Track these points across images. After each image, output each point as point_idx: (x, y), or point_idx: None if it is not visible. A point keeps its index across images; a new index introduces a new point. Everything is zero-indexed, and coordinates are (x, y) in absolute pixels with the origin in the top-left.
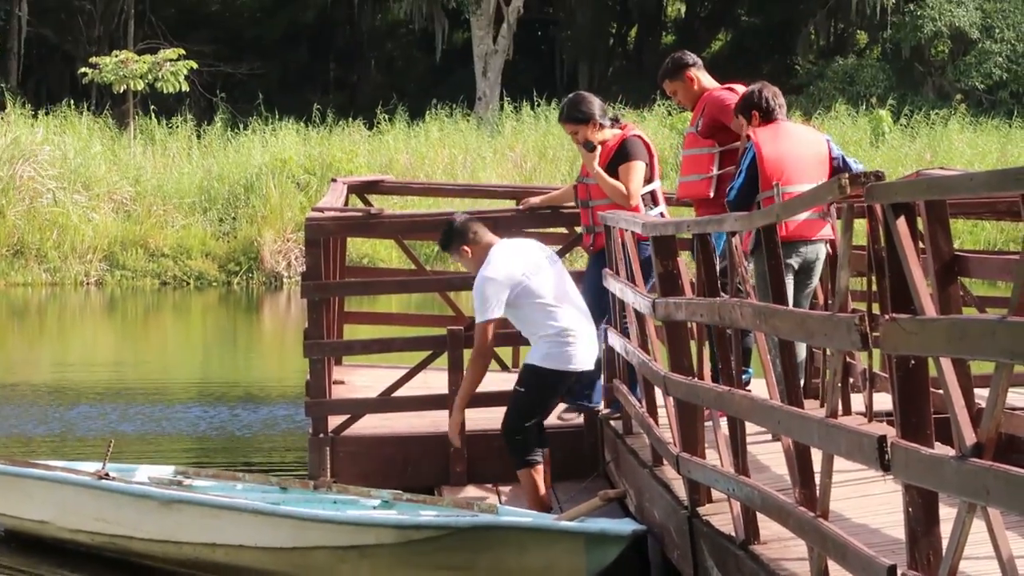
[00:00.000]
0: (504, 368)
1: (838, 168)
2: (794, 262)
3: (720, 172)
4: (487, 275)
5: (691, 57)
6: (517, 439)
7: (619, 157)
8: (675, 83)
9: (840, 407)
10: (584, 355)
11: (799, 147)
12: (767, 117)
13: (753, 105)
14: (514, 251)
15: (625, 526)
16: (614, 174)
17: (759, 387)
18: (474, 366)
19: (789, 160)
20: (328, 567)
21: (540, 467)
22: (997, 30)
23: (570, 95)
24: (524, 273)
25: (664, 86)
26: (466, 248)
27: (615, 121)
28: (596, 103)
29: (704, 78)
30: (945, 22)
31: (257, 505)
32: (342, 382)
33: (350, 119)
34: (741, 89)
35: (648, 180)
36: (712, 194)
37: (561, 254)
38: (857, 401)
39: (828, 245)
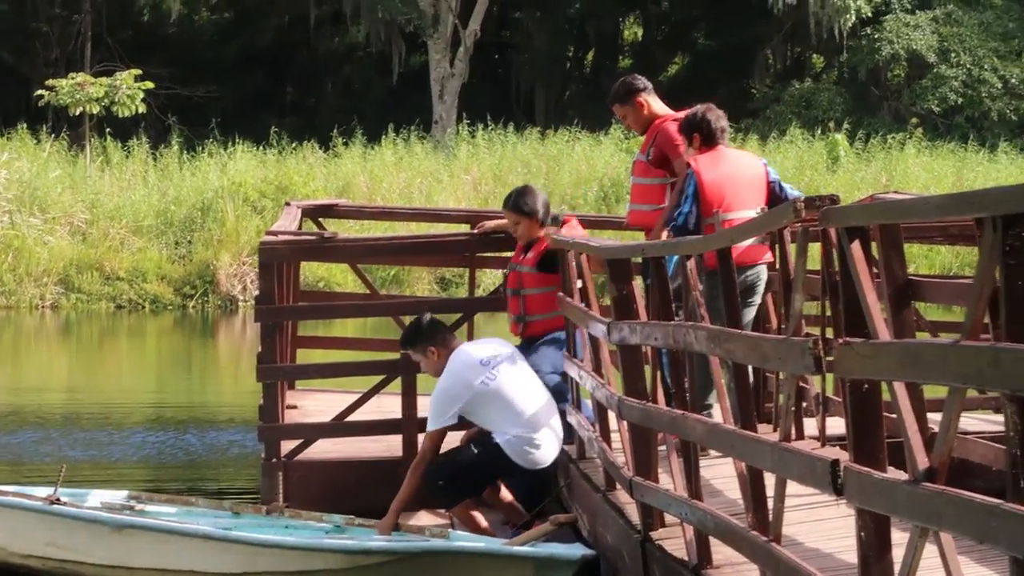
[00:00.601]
0: None
1: (774, 192)
2: (738, 286)
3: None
4: (443, 386)
5: (642, 82)
6: (440, 487)
7: (556, 259)
8: (625, 107)
9: (793, 431)
10: (544, 454)
11: (738, 173)
12: (709, 140)
13: (695, 127)
14: (473, 358)
15: (575, 551)
16: (551, 273)
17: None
18: (415, 473)
19: (729, 186)
20: None
21: (468, 501)
22: (953, 54)
23: (519, 187)
24: (483, 380)
25: (614, 109)
26: (432, 350)
27: (555, 220)
28: (541, 200)
29: (655, 103)
30: (902, 46)
31: (207, 530)
32: (295, 406)
33: (307, 142)
34: None
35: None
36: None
37: None
38: (810, 425)
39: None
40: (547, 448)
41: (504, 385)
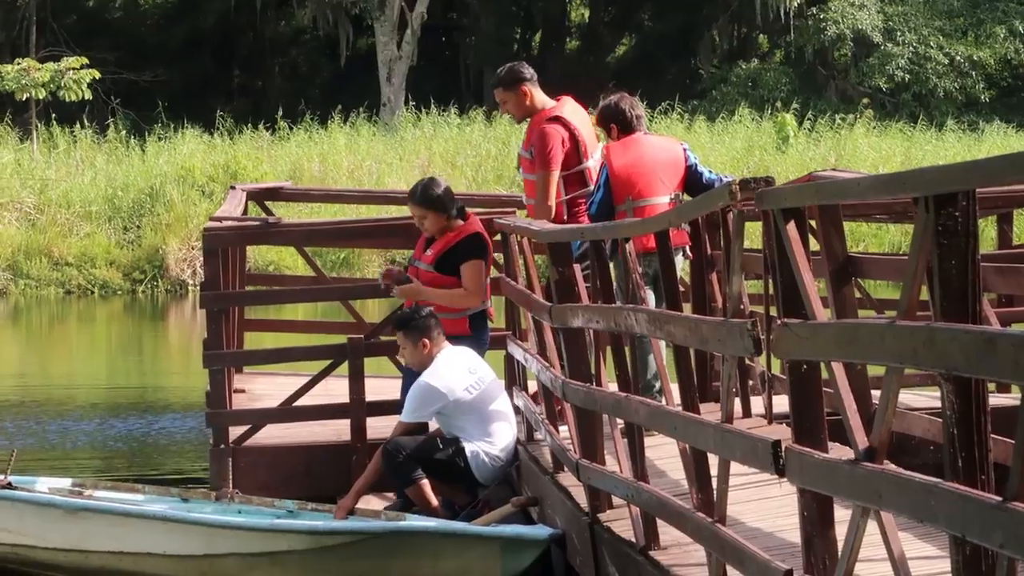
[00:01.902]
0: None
1: (692, 175)
2: (651, 271)
3: (569, 197)
4: (431, 383)
5: (528, 71)
6: (399, 462)
7: (462, 254)
8: (507, 93)
9: (735, 412)
10: (501, 471)
11: (653, 159)
12: (626, 129)
13: (611, 118)
14: (462, 364)
15: (541, 531)
16: (454, 269)
17: None
18: (380, 456)
19: (642, 173)
20: (239, 574)
21: (426, 481)
22: (899, 33)
23: (424, 179)
24: (466, 388)
25: (496, 94)
26: (425, 342)
27: (460, 213)
28: (444, 189)
29: (538, 95)
30: (847, 25)
31: (166, 512)
32: (243, 390)
33: (255, 126)
34: (570, 115)
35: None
36: (566, 217)
37: None
38: (757, 403)
39: (685, 251)
40: (505, 465)
41: (485, 399)
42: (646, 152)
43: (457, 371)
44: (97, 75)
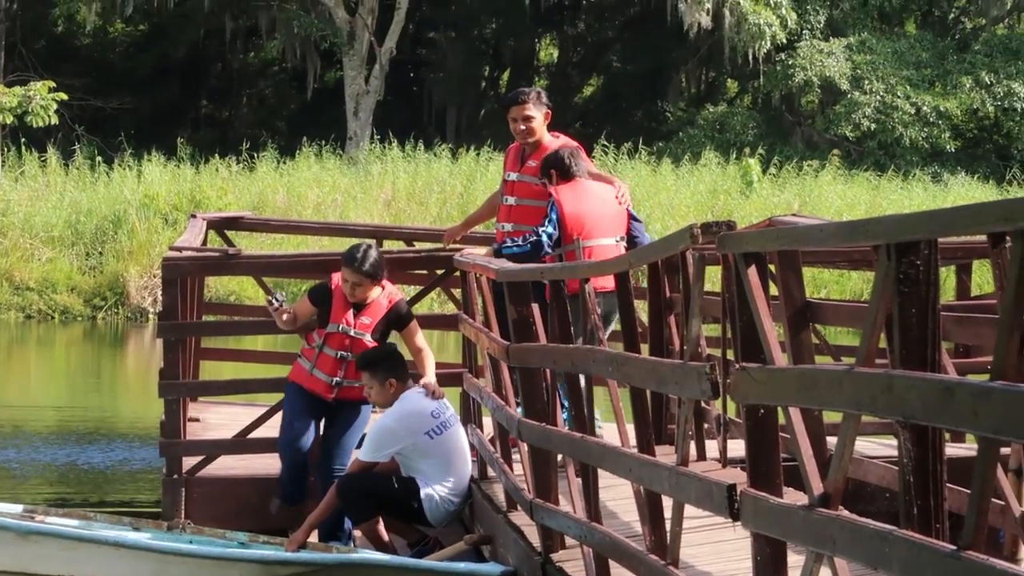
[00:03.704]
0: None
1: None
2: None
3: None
4: (392, 425)
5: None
6: (353, 498)
7: (397, 320)
8: (538, 110)
9: (691, 455)
10: (454, 515)
11: (598, 203)
12: (565, 175)
13: (552, 166)
14: (424, 407)
15: (493, 568)
16: (386, 335)
17: (611, 432)
18: (334, 491)
19: (589, 216)
20: None
21: (378, 518)
22: (867, 81)
23: (362, 246)
24: (428, 432)
25: (524, 108)
26: (392, 382)
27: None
28: (380, 255)
29: (545, 128)
30: (815, 72)
31: (118, 537)
32: (197, 419)
33: (221, 155)
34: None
35: None
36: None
37: (423, 294)
38: (712, 447)
39: None
40: (459, 506)
41: (446, 443)
42: (593, 196)
43: (418, 416)
44: (64, 97)
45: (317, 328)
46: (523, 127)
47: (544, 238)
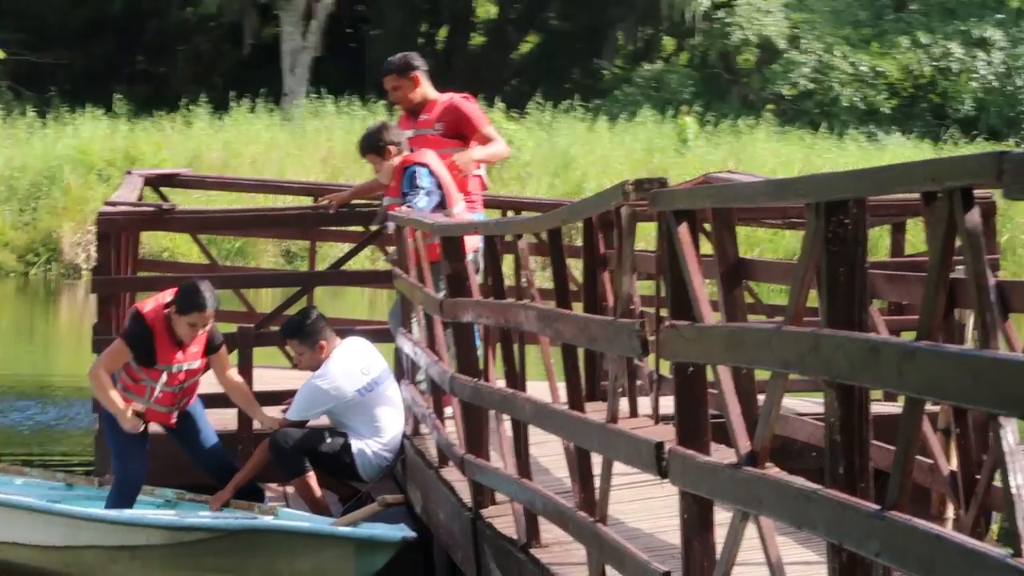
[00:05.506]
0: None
1: None
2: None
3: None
4: (320, 384)
5: (420, 61)
6: (285, 454)
7: (211, 341)
8: (401, 79)
9: (623, 412)
10: (388, 470)
11: (444, 171)
12: (380, 153)
13: (386, 142)
14: (354, 365)
15: (395, 532)
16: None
17: (542, 389)
18: (263, 449)
19: (448, 183)
20: (99, 566)
21: (311, 472)
22: (804, 41)
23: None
24: (359, 390)
25: (387, 80)
26: (323, 343)
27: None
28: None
29: (427, 84)
30: (753, 31)
31: (31, 502)
32: None
33: (156, 111)
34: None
35: None
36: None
37: (357, 250)
38: (645, 403)
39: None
40: (391, 461)
41: (376, 400)
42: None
43: (349, 372)
44: (2, 55)
45: (141, 367)
46: (392, 97)
47: (436, 200)
